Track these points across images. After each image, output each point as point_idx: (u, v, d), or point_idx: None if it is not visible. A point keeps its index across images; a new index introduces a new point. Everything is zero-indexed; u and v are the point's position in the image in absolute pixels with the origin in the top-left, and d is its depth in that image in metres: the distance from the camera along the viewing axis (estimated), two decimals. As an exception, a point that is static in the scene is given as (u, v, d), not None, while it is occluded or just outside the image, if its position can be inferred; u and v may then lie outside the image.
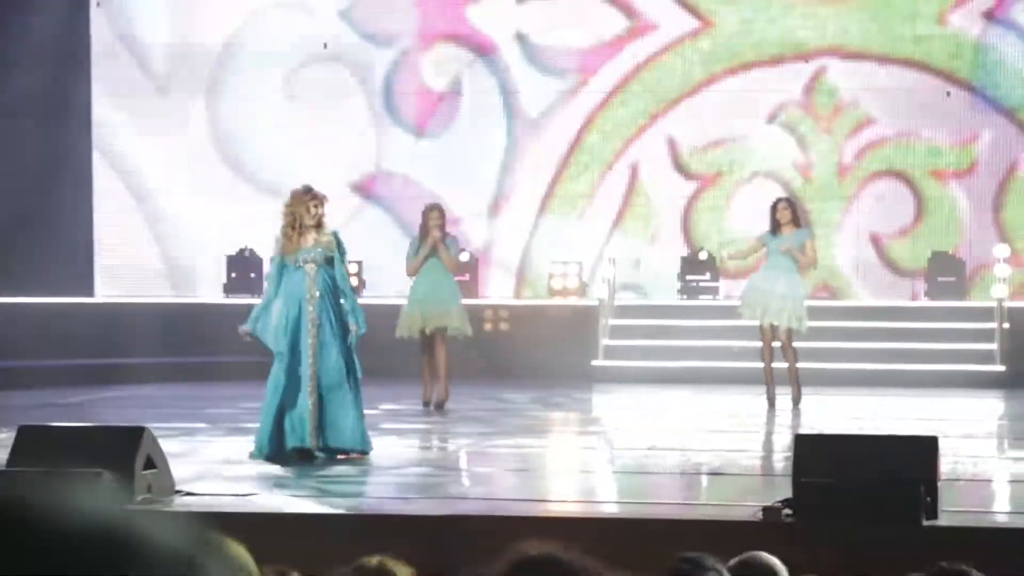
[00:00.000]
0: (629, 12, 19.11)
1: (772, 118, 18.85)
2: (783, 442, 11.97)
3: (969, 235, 18.47)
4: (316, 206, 10.52)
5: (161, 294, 19.22)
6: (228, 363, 17.08)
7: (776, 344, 14.27)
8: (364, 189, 19.24)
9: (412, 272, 14.14)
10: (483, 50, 19.27)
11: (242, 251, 18.96)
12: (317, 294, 10.47)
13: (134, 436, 8.35)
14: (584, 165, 19.19)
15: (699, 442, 11.90)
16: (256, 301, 18.47)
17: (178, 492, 8.59)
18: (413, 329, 14.08)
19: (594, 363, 17.77)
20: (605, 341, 17.94)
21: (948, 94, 18.59)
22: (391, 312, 14.59)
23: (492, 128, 19.22)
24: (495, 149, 19.24)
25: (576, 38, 19.08)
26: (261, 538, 6.43)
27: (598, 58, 19.08)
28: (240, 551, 3.20)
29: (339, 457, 10.49)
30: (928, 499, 7.59)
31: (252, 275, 18.82)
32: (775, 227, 14.34)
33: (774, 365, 14.35)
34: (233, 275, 18.89)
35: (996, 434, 13.58)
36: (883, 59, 18.67)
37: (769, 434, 13.16)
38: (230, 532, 3.17)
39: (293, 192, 10.71)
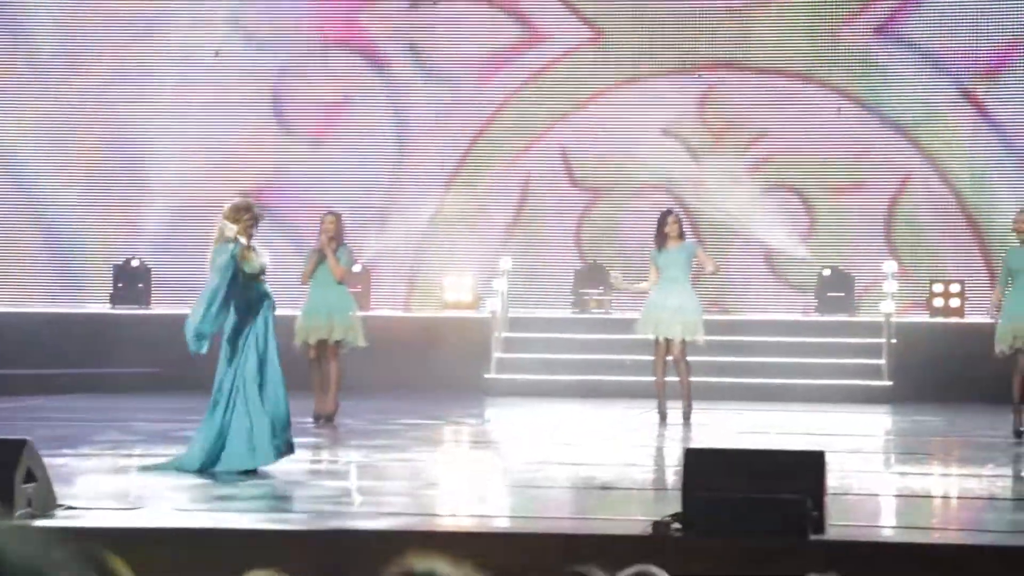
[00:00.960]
0: (522, 22, 19.12)
1: (666, 130, 18.94)
2: (674, 456, 12.00)
3: (859, 250, 18.67)
4: (258, 221, 10.63)
5: (46, 304, 18.90)
6: (116, 375, 16.85)
7: (669, 358, 14.32)
8: (254, 199, 19.03)
9: (304, 279, 14.08)
10: (375, 58, 19.18)
11: (129, 260, 18.71)
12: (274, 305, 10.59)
13: (14, 449, 8.17)
14: (476, 175, 19.15)
15: (591, 456, 11.90)
16: (147, 312, 18.29)
17: (60, 506, 8.42)
18: (308, 338, 13.97)
19: (487, 376, 17.73)
20: (498, 354, 17.91)
21: (839, 110, 18.80)
22: (282, 324, 14.45)
23: (383, 137, 19.12)
24: (387, 159, 19.14)
25: (469, 47, 19.06)
26: (146, 554, 6.31)
27: (491, 68, 19.06)
28: (120, 567, 3.12)
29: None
30: (815, 513, 7.64)
31: (140, 285, 18.59)
32: (662, 241, 14.39)
33: (667, 379, 14.40)
34: (120, 285, 18.64)
35: (883, 449, 13.72)
36: (776, 72, 18.83)
37: (660, 448, 13.20)
38: (113, 547, 3.08)
39: (242, 206, 10.73)
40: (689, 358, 14.45)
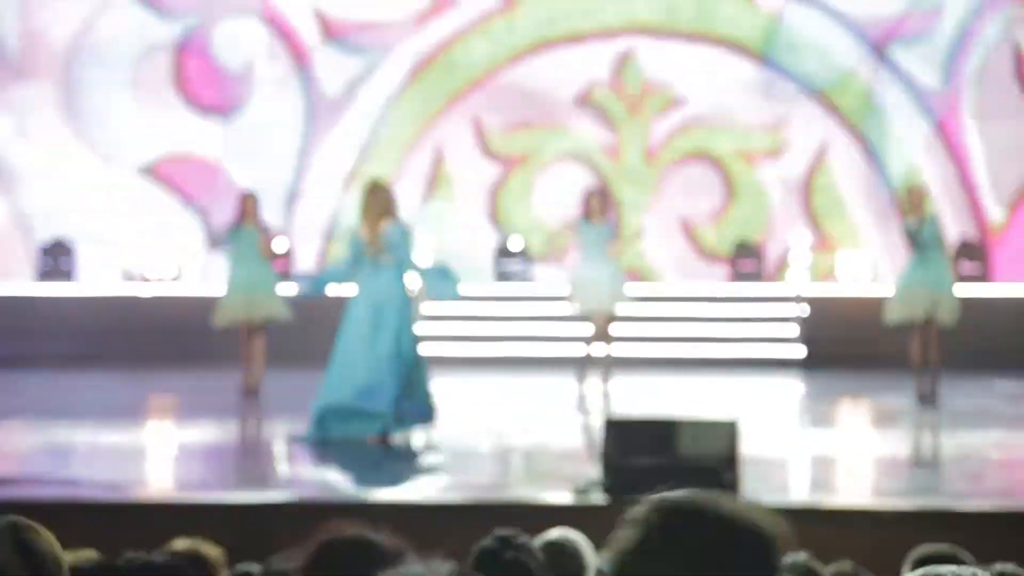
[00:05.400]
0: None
1: (580, 100, 18.95)
2: (593, 425, 12.17)
3: (777, 219, 18.82)
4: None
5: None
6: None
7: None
8: (155, 173, 18.77)
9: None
10: (279, 25, 18.93)
11: (58, 242, 18.51)
12: None
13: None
14: (387, 147, 18.99)
15: (511, 425, 12.04)
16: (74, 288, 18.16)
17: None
18: (233, 318, 14.03)
19: (408, 348, 17.77)
20: (420, 327, 17.93)
21: (750, 86, 18.88)
22: (207, 304, 14.53)
23: (290, 108, 18.89)
24: (293, 131, 18.91)
25: (377, 13, 18.86)
26: (70, 525, 6.38)
27: (400, 35, 18.88)
28: (48, 538, 3.22)
29: None
30: (731, 479, 7.83)
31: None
32: (589, 215, 14.57)
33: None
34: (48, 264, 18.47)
35: (797, 415, 13.97)
36: (691, 38, 18.85)
37: (579, 417, 13.36)
38: (40, 520, 3.18)
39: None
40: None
